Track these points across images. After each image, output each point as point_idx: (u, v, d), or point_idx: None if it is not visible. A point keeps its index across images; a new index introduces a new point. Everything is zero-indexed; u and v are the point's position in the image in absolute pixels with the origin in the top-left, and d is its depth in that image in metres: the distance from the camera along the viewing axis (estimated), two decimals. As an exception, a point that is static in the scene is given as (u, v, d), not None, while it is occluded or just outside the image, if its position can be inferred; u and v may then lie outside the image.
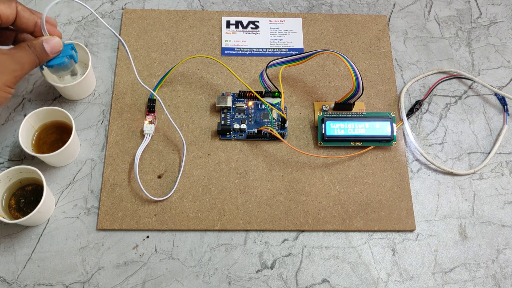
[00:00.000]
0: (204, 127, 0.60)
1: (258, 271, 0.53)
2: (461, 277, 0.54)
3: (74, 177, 0.57)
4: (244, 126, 0.59)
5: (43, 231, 0.54)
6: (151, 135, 0.58)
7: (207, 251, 0.54)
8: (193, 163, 0.58)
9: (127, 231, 0.55)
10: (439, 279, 0.54)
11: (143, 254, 0.54)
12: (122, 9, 0.68)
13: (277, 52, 0.66)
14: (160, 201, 0.55)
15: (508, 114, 0.63)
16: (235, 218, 0.55)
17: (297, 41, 0.66)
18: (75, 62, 0.53)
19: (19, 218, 0.50)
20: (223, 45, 0.66)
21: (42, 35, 0.49)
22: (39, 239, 0.54)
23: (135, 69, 0.56)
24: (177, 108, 0.61)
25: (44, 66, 0.51)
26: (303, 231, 0.56)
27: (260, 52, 0.66)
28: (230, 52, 0.65)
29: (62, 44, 0.50)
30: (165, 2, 0.69)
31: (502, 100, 0.64)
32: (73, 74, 0.56)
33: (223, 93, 0.62)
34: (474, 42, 0.69)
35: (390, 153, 0.60)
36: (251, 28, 0.67)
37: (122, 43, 0.52)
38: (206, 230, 0.55)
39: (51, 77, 0.60)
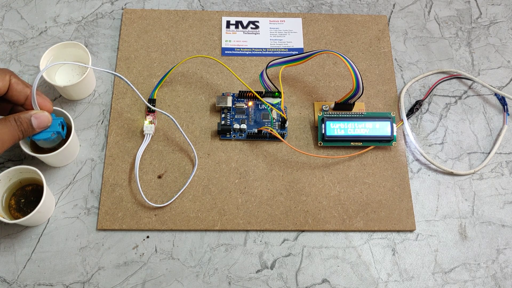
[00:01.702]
0: (204, 127, 0.60)
1: (258, 271, 0.53)
2: (461, 277, 0.54)
3: (74, 177, 0.57)
4: (244, 126, 0.59)
5: (43, 231, 0.54)
6: (151, 135, 0.58)
7: (207, 251, 0.54)
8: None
9: (127, 231, 0.55)
10: (439, 279, 0.54)
11: (143, 254, 0.54)
12: (122, 9, 0.68)
13: (277, 52, 0.66)
14: (160, 207, 0.55)
15: (508, 114, 0.63)
16: (235, 218, 0.55)
17: (297, 41, 0.66)
18: (62, 138, 0.52)
19: (19, 218, 0.50)
20: (223, 45, 0.66)
21: (33, 108, 0.48)
22: (39, 239, 0.54)
23: (138, 93, 0.55)
24: (177, 108, 0.61)
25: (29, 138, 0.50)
26: (303, 231, 0.56)
27: (260, 52, 0.66)
28: (230, 52, 0.65)
29: (51, 119, 0.49)
30: (165, 2, 0.69)
31: (502, 100, 0.64)
32: (61, 145, 0.53)
33: (223, 93, 0.62)
34: (474, 42, 0.69)
35: (390, 153, 0.60)
36: (251, 28, 0.67)
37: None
38: (206, 230, 0.55)
39: (51, 77, 0.60)
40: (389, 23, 0.69)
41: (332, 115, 0.59)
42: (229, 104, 0.60)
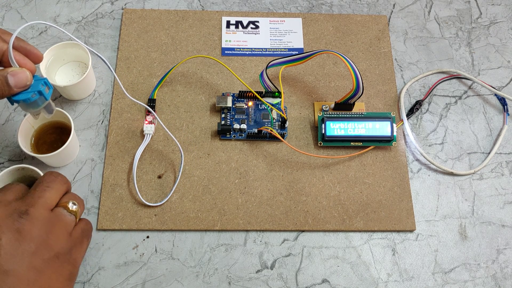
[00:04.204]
0: (204, 127, 0.60)
1: (258, 271, 0.53)
2: (461, 277, 0.54)
3: (74, 177, 0.57)
4: (244, 126, 0.59)
5: (43, 231, 0.54)
6: (151, 135, 0.58)
7: (207, 251, 0.54)
8: (193, 163, 0.58)
9: (127, 231, 0.55)
10: (439, 279, 0.54)
11: (143, 254, 0.54)
12: (122, 9, 0.68)
13: (277, 52, 0.66)
14: (156, 206, 0.55)
15: (508, 114, 0.63)
16: (235, 218, 0.55)
17: (297, 41, 0.66)
18: (46, 99, 0.46)
19: None
20: (223, 45, 0.66)
21: (11, 66, 0.43)
22: (39, 239, 0.54)
23: (122, 87, 0.55)
24: (177, 108, 0.61)
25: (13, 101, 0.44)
26: (303, 231, 0.56)
27: (260, 52, 0.66)
28: (230, 52, 0.65)
29: (30, 78, 0.43)
30: (165, 2, 0.69)
31: (502, 100, 0.64)
32: (49, 111, 0.48)
33: (223, 93, 0.62)
34: (474, 42, 0.69)
35: (390, 153, 0.60)
36: (251, 28, 0.67)
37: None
38: (206, 230, 0.55)
39: (51, 77, 0.60)
40: (389, 23, 0.69)
41: (332, 115, 0.59)
42: (229, 104, 0.60)
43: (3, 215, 0.42)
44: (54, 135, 0.57)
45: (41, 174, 0.51)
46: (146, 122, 0.59)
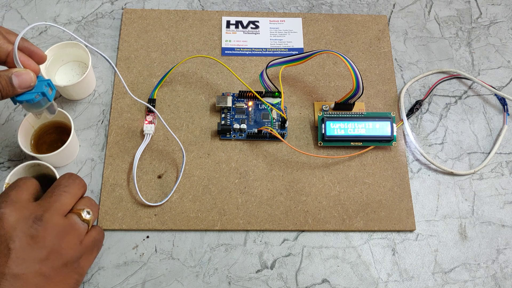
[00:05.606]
0: (204, 127, 0.60)
1: (258, 271, 0.53)
2: (461, 277, 0.54)
3: (74, 177, 0.57)
4: (244, 126, 0.59)
5: (43, 231, 0.54)
6: (151, 135, 0.58)
7: (207, 251, 0.54)
8: (193, 163, 0.58)
9: (127, 231, 0.55)
10: (439, 279, 0.54)
11: (143, 254, 0.54)
12: (122, 9, 0.68)
13: (277, 52, 0.66)
14: (156, 206, 0.55)
15: (508, 114, 0.63)
16: (235, 218, 0.55)
17: (297, 41, 0.66)
18: (49, 101, 0.46)
19: None
20: (223, 45, 0.66)
21: (15, 66, 0.43)
22: (39, 239, 0.54)
23: (125, 85, 0.55)
24: (177, 108, 0.61)
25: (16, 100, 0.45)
26: (303, 231, 0.56)
27: (260, 52, 0.66)
28: (230, 52, 0.65)
29: (34, 79, 0.44)
30: (165, 2, 0.69)
31: (502, 100, 0.64)
32: (51, 112, 0.49)
33: (223, 93, 0.62)
34: (474, 42, 0.69)
35: (390, 153, 0.60)
36: (251, 28, 0.67)
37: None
38: (206, 230, 0.55)
39: (51, 77, 0.60)
40: (389, 23, 0.69)
41: (332, 115, 0.59)
42: (229, 104, 0.60)
43: (19, 217, 0.42)
44: (54, 135, 0.57)
45: (55, 172, 0.51)
46: (146, 122, 0.59)
